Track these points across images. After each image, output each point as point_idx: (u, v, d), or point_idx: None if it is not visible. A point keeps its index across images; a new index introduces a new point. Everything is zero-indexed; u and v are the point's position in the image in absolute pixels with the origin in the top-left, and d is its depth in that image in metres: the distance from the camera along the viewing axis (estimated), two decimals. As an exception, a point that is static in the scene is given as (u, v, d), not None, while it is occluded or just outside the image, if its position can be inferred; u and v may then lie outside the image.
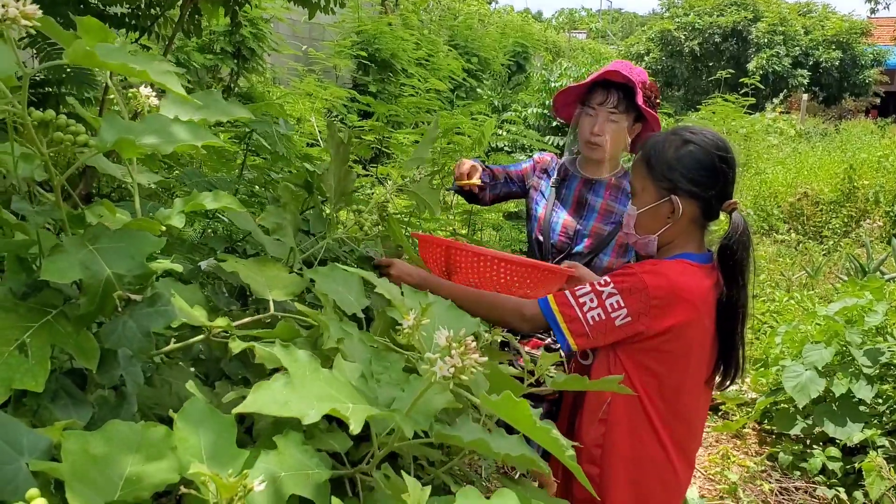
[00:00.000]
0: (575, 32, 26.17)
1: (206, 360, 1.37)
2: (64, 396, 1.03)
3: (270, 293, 1.37)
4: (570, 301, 1.70)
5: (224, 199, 1.27)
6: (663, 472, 1.79)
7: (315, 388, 0.95)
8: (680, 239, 1.79)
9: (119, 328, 1.02)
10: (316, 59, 10.07)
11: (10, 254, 1.01)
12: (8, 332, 0.98)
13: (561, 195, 2.57)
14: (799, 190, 9.92)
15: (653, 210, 1.77)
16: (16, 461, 0.82)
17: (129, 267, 0.99)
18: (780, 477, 3.83)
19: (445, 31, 13.67)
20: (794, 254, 8.41)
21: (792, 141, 14.56)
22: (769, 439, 4.24)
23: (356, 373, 1.08)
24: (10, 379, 0.94)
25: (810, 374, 3.76)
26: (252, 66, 8.42)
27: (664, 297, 1.67)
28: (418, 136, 4.99)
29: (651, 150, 1.78)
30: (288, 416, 0.89)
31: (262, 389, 0.90)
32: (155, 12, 3.49)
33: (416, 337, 1.04)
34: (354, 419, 0.88)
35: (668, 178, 1.74)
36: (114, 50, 0.84)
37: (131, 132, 0.99)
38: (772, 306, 5.98)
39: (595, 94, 2.45)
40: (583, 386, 1.36)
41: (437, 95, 9.59)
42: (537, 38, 16.36)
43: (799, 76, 20.47)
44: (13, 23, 0.78)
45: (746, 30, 21.33)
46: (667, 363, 1.74)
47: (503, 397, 0.97)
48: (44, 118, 0.90)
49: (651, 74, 17.07)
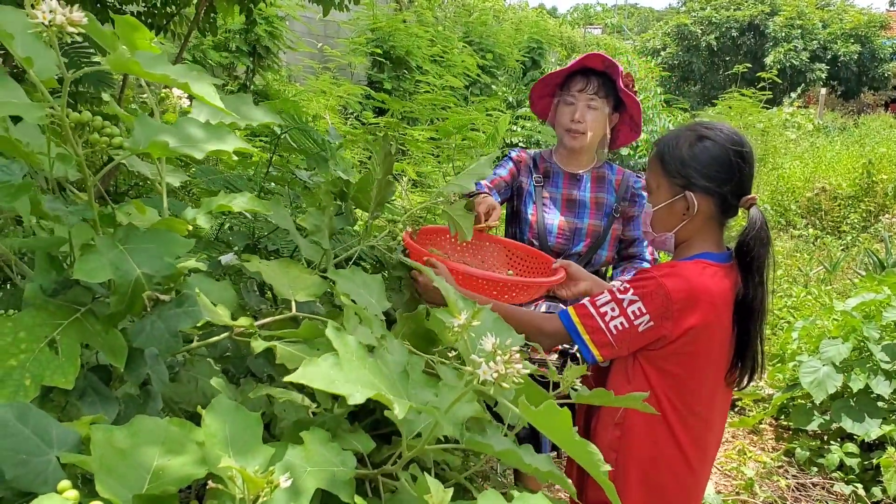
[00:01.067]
0: (590, 28, 26.07)
1: (232, 358, 1.39)
2: (91, 393, 1.05)
3: (294, 294, 1.39)
4: (592, 312, 1.67)
5: (254, 202, 1.29)
6: (679, 472, 1.77)
7: (361, 374, 0.97)
8: (697, 237, 1.76)
9: (147, 328, 1.04)
10: (331, 56, 10.10)
11: (41, 252, 1.04)
12: (38, 330, 1.00)
13: (548, 194, 2.54)
14: (817, 185, 9.85)
15: (668, 207, 1.75)
16: (46, 454, 0.85)
17: (159, 267, 1.02)
18: (796, 473, 3.82)
19: (460, 28, 13.67)
20: (812, 249, 8.36)
21: (810, 135, 14.45)
22: (786, 435, 4.23)
23: (398, 368, 1.09)
24: (41, 375, 0.96)
25: (827, 370, 3.74)
26: (267, 64, 8.47)
27: (685, 299, 1.65)
28: (433, 133, 5.00)
29: (665, 146, 1.75)
30: (334, 393, 0.91)
31: (311, 365, 0.92)
32: (171, 10, 3.52)
33: (465, 337, 1.05)
34: (399, 407, 0.90)
35: (682, 175, 1.71)
36: (154, 59, 0.86)
37: (164, 135, 1.01)
38: (789, 301, 5.95)
39: (574, 81, 2.44)
40: (608, 402, 1.31)
41: (452, 92, 9.61)
42: (552, 33, 16.31)
43: (817, 70, 20.32)
44: (60, 29, 0.80)
45: (764, 24, 21.19)
46: (687, 365, 1.71)
47: (545, 407, 0.97)
48: (81, 120, 0.92)
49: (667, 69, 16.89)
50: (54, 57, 0.84)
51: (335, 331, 1.00)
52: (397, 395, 0.98)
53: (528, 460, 1.06)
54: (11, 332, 0.98)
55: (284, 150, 2.52)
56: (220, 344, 1.29)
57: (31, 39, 0.84)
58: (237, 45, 7.98)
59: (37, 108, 0.82)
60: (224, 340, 1.21)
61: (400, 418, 0.88)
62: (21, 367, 0.96)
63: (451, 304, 1.18)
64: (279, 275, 1.39)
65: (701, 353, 1.70)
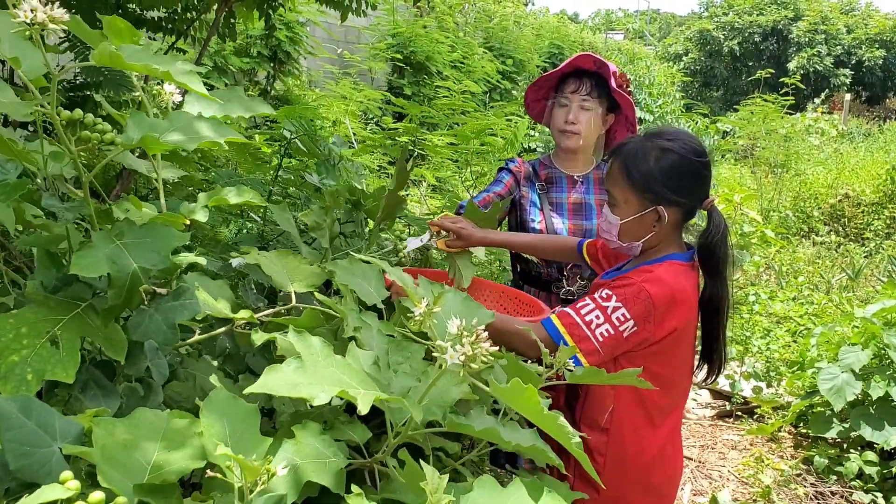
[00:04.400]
0: (612, 33, 26.00)
1: (231, 356, 1.40)
2: (94, 387, 1.07)
3: (292, 285, 1.40)
4: (577, 321, 1.68)
5: (246, 193, 1.30)
6: (666, 466, 1.84)
7: (327, 373, 0.97)
8: (664, 242, 1.80)
9: (145, 321, 1.05)
10: (351, 61, 10.15)
11: (41, 249, 1.05)
12: (40, 325, 1.01)
13: (553, 200, 2.55)
14: (840, 191, 9.75)
15: (636, 220, 1.76)
16: (49, 445, 0.86)
17: (155, 261, 1.03)
18: (815, 481, 3.77)
19: (481, 34, 13.68)
20: (835, 255, 8.27)
21: (833, 141, 14.32)
22: (805, 443, 4.18)
23: (369, 360, 1.10)
24: (42, 370, 0.98)
25: (846, 377, 3.70)
26: (288, 70, 8.53)
27: (666, 303, 1.68)
28: (452, 138, 5.01)
29: (629, 159, 1.74)
30: (297, 398, 0.91)
31: (273, 372, 0.93)
32: (191, 16, 3.55)
33: (428, 325, 1.05)
34: (362, 401, 0.90)
35: (652, 190, 1.72)
36: (138, 51, 0.87)
37: (156, 130, 1.02)
38: (810, 308, 5.89)
39: (567, 83, 2.46)
40: (601, 380, 1.35)
41: (472, 97, 9.61)
42: (573, 39, 16.27)
43: (841, 76, 20.13)
44: (42, 27, 0.81)
45: (787, 29, 21.04)
46: (668, 364, 1.76)
47: (512, 384, 0.98)
48: (72, 117, 0.94)
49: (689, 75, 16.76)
50: (40, 55, 0.85)
51: (297, 334, 1.00)
52: (369, 388, 0.98)
53: (508, 437, 1.06)
54: (13, 329, 0.99)
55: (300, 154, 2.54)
56: (219, 343, 1.30)
57: (19, 39, 0.85)
58: (258, 51, 8.04)
59: (23, 106, 0.83)
60: (223, 339, 1.21)
61: (363, 412, 0.88)
62: (23, 363, 0.98)
63: (411, 294, 1.18)
64: (277, 265, 1.40)
65: (680, 351, 1.77)
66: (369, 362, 1.10)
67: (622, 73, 2.46)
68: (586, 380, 1.38)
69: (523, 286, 2.63)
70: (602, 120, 2.49)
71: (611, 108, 2.49)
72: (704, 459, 4.08)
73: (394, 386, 1.13)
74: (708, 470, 3.95)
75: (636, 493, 1.80)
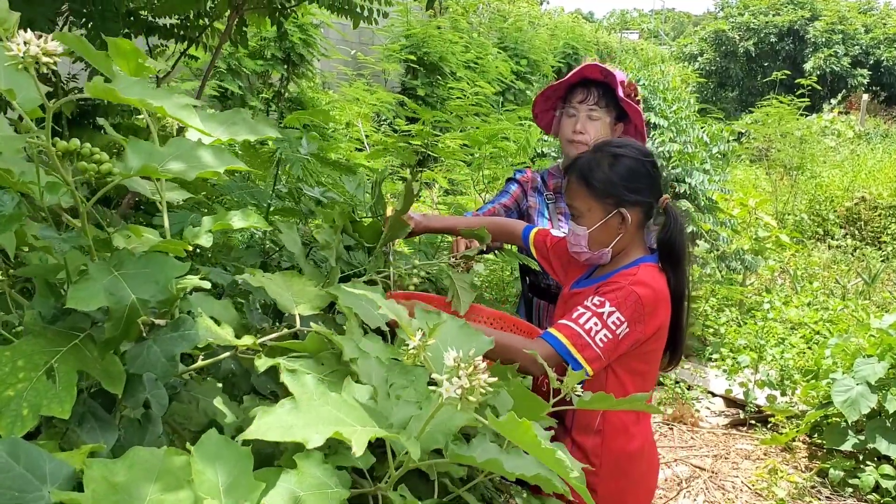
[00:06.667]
0: (626, 33, 25.89)
1: (235, 375, 1.38)
2: (91, 419, 1.05)
3: (297, 308, 1.38)
4: (578, 331, 1.74)
5: (251, 217, 1.28)
6: (649, 455, 1.96)
7: (321, 412, 0.95)
8: (631, 245, 1.90)
9: (144, 353, 1.03)
10: (365, 63, 10.14)
11: (39, 278, 1.03)
12: (37, 357, 1.00)
13: (561, 209, 2.55)
14: (856, 194, 9.66)
15: (602, 226, 1.86)
16: (38, 490, 0.84)
17: (153, 292, 1.01)
18: (830, 494, 3.73)
19: (495, 34, 13.65)
20: (850, 260, 8.19)
21: (850, 143, 14.18)
22: (820, 453, 4.13)
23: (366, 394, 1.08)
24: (38, 405, 0.96)
25: (861, 389, 3.65)
26: (302, 72, 8.53)
27: (652, 303, 1.79)
28: (465, 140, 4.99)
29: (585, 170, 1.86)
30: (291, 442, 0.89)
31: (266, 415, 0.91)
32: (203, 23, 3.55)
33: (423, 358, 1.03)
34: (357, 442, 0.88)
35: (612, 194, 1.83)
36: (133, 84, 0.85)
37: (155, 158, 1.00)
38: (825, 315, 5.83)
39: (574, 93, 2.46)
40: (609, 405, 1.35)
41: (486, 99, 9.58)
42: (588, 39, 16.22)
43: (858, 76, 19.93)
44: (35, 60, 0.80)
45: (803, 29, 20.86)
46: (650, 361, 1.89)
47: (507, 418, 0.96)
48: (68, 148, 0.92)
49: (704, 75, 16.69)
50: (34, 88, 0.84)
51: (290, 374, 0.99)
52: (366, 424, 0.96)
53: (511, 468, 1.04)
54: (10, 362, 0.98)
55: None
56: (224, 363, 1.29)
57: (13, 72, 0.84)
58: (272, 53, 8.05)
59: (16, 139, 0.81)
60: (227, 360, 1.20)
61: (358, 454, 0.86)
62: (19, 397, 0.96)
63: (405, 327, 1.16)
64: (282, 288, 1.38)
65: (659, 348, 1.89)
66: (366, 396, 1.08)
67: (630, 83, 2.45)
68: (594, 405, 1.36)
69: (532, 298, 2.62)
70: (610, 129, 2.48)
71: (619, 116, 2.48)
72: (717, 469, 4.04)
73: (394, 416, 1.11)
74: (721, 480, 3.91)
75: (628, 486, 1.90)
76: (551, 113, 2.57)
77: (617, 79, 2.40)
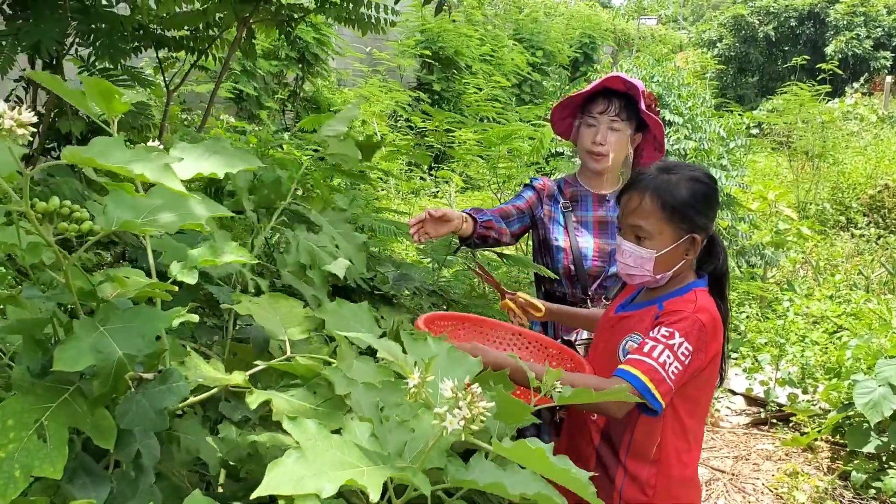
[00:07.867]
0: (644, 18, 25.62)
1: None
2: (82, 475, 1.04)
3: (286, 332, 1.37)
4: (655, 366, 1.69)
5: (238, 252, 1.27)
6: (696, 482, 1.93)
7: (328, 458, 0.94)
8: (686, 270, 1.87)
9: (133, 408, 1.03)
10: (380, 59, 10.12)
11: (26, 334, 1.03)
12: (26, 416, 0.99)
13: (578, 218, 2.53)
14: (880, 181, 9.50)
15: (672, 250, 1.81)
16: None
17: (140, 346, 1.00)
18: (852, 497, 3.68)
19: (510, 25, 13.57)
20: (874, 249, 8.06)
21: (873, 127, 13.94)
22: (842, 454, 4.07)
23: (367, 432, 1.06)
24: (30, 466, 0.95)
25: (884, 391, 3.59)
26: (317, 71, 8.52)
27: (712, 330, 1.77)
28: (481, 134, 4.97)
29: (662, 191, 1.80)
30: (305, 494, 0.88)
31: (276, 468, 0.89)
32: (213, 34, 3.56)
33: (423, 395, 1.01)
34: (372, 488, 0.87)
35: (688, 219, 1.79)
36: (111, 149, 0.84)
37: (137, 210, 0.99)
38: (847, 308, 5.74)
39: (595, 103, 2.43)
40: (589, 398, 1.30)
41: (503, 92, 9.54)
42: (605, 27, 16.07)
43: (881, 58, 19.59)
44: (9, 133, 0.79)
45: (824, 12, 20.51)
46: (705, 387, 1.86)
47: (517, 445, 0.95)
48: (47, 209, 0.92)
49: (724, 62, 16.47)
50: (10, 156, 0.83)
51: (291, 421, 0.97)
52: (372, 462, 0.96)
53: (513, 488, 1.02)
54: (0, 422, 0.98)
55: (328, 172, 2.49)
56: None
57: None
58: (286, 53, 8.05)
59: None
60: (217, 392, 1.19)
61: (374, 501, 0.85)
62: (10, 459, 0.95)
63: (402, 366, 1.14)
64: (270, 313, 1.38)
65: (714, 375, 1.86)
66: (367, 435, 1.06)
67: (650, 94, 2.43)
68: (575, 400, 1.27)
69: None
70: (630, 140, 2.46)
71: (638, 127, 2.46)
72: (738, 471, 3.99)
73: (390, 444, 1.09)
74: (742, 483, 3.87)
75: None
76: (569, 120, 2.55)
77: (639, 90, 2.39)
